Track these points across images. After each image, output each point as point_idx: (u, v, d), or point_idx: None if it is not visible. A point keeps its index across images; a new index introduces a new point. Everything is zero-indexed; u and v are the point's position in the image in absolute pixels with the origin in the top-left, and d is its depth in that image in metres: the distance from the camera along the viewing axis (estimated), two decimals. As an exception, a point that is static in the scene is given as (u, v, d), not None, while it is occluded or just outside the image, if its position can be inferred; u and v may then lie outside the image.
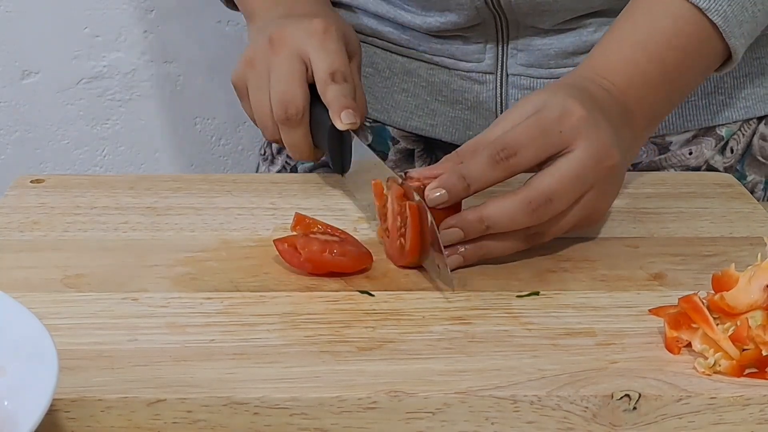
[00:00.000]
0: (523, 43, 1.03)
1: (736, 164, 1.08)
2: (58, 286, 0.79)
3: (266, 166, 1.17)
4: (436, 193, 0.79)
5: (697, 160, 1.07)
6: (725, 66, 0.92)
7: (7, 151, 1.60)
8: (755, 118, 1.07)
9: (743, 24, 0.89)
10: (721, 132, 1.07)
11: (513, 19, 1.01)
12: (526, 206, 0.79)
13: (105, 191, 0.95)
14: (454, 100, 1.07)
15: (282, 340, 0.72)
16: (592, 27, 1.01)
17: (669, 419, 0.67)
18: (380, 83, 1.09)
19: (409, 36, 1.06)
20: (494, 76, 1.04)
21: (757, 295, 0.69)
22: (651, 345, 0.72)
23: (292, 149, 0.93)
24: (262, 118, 0.93)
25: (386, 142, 1.11)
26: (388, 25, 1.06)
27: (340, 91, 0.89)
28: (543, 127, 0.80)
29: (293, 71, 0.91)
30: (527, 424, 0.66)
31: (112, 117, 1.60)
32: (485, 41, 1.03)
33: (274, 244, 0.81)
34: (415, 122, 1.09)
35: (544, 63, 1.03)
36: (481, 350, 0.71)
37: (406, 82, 1.08)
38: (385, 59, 1.08)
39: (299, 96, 0.90)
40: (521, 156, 0.79)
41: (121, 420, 0.65)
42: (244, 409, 0.66)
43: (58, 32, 1.53)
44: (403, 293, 0.78)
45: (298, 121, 0.90)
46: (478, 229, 0.80)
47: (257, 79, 0.93)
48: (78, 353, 0.69)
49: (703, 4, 0.87)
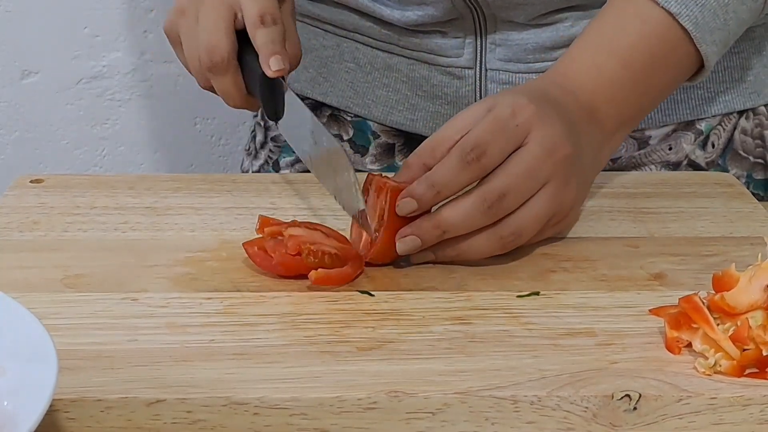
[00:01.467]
0: (500, 38, 1.03)
1: (718, 159, 1.08)
2: (58, 286, 0.79)
3: (250, 161, 1.19)
4: (405, 201, 0.80)
5: (677, 155, 1.07)
6: (698, 74, 0.92)
7: (6, 151, 1.60)
8: (735, 113, 1.08)
9: (715, 31, 0.89)
10: (700, 126, 1.07)
11: (489, 13, 1.01)
12: (480, 204, 0.79)
13: (105, 191, 0.95)
14: (434, 95, 1.07)
15: (282, 340, 0.72)
16: (568, 21, 1.02)
17: (669, 419, 0.67)
18: (361, 78, 1.10)
19: (389, 31, 1.06)
20: (473, 71, 1.05)
21: (758, 295, 0.69)
22: (651, 345, 0.72)
23: (224, 96, 0.92)
24: (194, 66, 0.92)
25: (367, 136, 1.12)
26: (368, 21, 1.07)
27: (269, 35, 0.88)
28: (500, 123, 0.80)
29: (219, 17, 0.89)
30: (527, 424, 0.66)
31: (112, 117, 1.60)
32: (464, 36, 1.04)
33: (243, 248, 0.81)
34: (395, 117, 1.10)
35: (522, 58, 1.04)
36: (481, 350, 0.71)
37: (387, 77, 1.09)
38: (366, 54, 1.09)
39: (224, 42, 0.88)
40: (489, 154, 0.79)
41: (120, 420, 0.65)
42: (243, 410, 0.65)
43: (58, 32, 1.53)
44: (403, 293, 0.78)
45: (224, 67, 0.89)
46: (435, 234, 0.80)
47: (187, 28, 0.92)
48: (78, 353, 0.69)
49: (674, 8, 0.87)
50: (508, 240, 0.81)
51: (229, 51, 0.89)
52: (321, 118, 1.13)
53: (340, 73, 1.11)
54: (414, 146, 1.11)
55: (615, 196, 0.95)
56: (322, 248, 0.80)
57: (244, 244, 0.81)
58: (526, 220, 0.81)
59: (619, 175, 1.00)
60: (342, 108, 1.12)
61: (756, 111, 1.09)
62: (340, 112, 1.13)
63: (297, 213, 0.90)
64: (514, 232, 0.81)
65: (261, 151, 1.17)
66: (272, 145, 1.16)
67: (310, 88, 1.13)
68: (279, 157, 1.15)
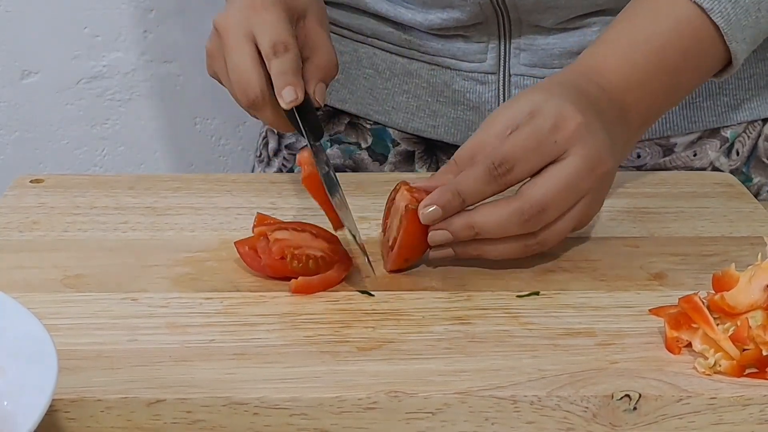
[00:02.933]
0: (525, 43, 1.02)
1: (742, 167, 1.08)
2: (58, 286, 0.79)
3: (262, 168, 1.17)
4: (429, 209, 0.79)
5: (701, 161, 1.07)
6: (725, 71, 0.91)
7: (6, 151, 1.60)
8: (760, 120, 1.07)
9: (746, 29, 0.88)
10: (726, 134, 1.07)
11: (516, 17, 1.00)
12: (519, 217, 0.78)
13: (105, 191, 0.95)
14: (455, 101, 1.06)
15: (282, 340, 0.72)
16: (596, 26, 1.01)
17: (669, 419, 0.67)
18: (381, 85, 1.09)
19: (409, 36, 1.05)
20: (496, 76, 1.04)
21: (758, 295, 0.69)
22: (651, 345, 0.72)
23: (272, 126, 0.92)
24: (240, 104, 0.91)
25: (386, 144, 1.11)
26: (388, 26, 1.06)
27: (280, 66, 0.87)
28: (538, 139, 0.79)
29: (244, 54, 0.88)
30: (527, 424, 0.66)
31: (112, 117, 1.60)
32: (487, 40, 1.03)
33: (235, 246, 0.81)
34: (416, 124, 1.09)
35: (548, 63, 1.02)
36: (481, 350, 0.71)
37: (407, 83, 1.08)
38: (385, 60, 1.08)
39: (254, 78, 0.87)
40: (517, 170, 0.78)
41: (120, 420, 0.65)
42: (243, 410, 0.65)
43: (58, 32, 1.53)
44: (403, 293, 0.78)
45: (261, 102, 0.88)
46: (467, 234, 0.79)
47: (221, 69, 0.91)
48: (78, 353, 0.69)
49: (707, 4, 0.86)
50: (533, 248, 0.81)
51: (261, 85, 0.87)
52: (339, 125, 1.12)
53: (358, 79, 1.10)
54: (434, 153, 1.11)
55: (615, 196, 0.95)
56: (307, 252, 0.80)
57: (236, 243, 0.81)
58: (556, 233, 0.81)
59: (618, 175, 0.99)
60: (361, 115, 1.11)
61: None
62: (359, 119, 1.11)
63: (297, 213, 0.90)
64: (540, 242, 0.81)
65: (274, 158, 1.15)
66: (286, 153, 1.14)
67: (328, 94, 1.10)
68: (294, 165, 1.14)
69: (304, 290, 0.78)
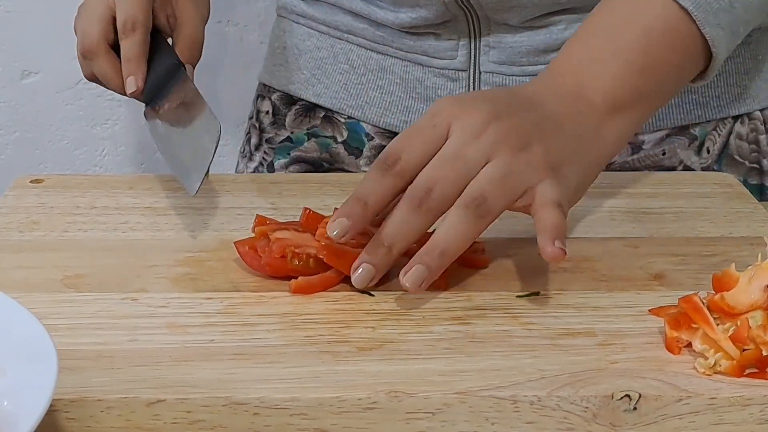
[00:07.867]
0: (494, 41, 1.03)
1: (713, 164, 1.08)
2: (58, 286, 0.79)
3: (245, 163, 1.19)
4: (335, 222, 0.77)
5: (671, 160, 1.07)
6: (711, 65, 0.87)
7: (6, 151, 1.60)
8: (730, 118, 1.07)
9: (719, 13, 0.85)
10: (694, 131, 1.07)
11: (483, 15, 1.02)
12: (409, 205, 0.76)
13: (105, 191, 0.95)
14: (428, 97, 1.08)
15: (282, 340, 0.72)
16: (562, 24, 1.02)
17: (669, 419, 0.67)
18: (355, 80, 1.10)
19: (383, 33, 1.07)
20: (467, 73, 1.05)
21: (758, 295, 0.69)
22: (651, 345, 0.72)
23: (104, 80, 0.97)
24: None
25: (361, 138, 1.12)
26: (362, 22, 1.07)
27: (126, 51, 0.94)
28: (419, 127, 0.79)
29: (93, 12, 0.96)
30: (527, 424, 0.66)
31: (112, 117, 1.60)
32: (458, 38, 1.04)
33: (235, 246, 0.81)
34: (389, 119, 1.10)
35: (516, 60, 1.04)
36: (481, 350, 0.71)
37: (381, 79, 1.09)
38: (360, 56, 1.09)
39: (95, 28, 0.95)
40: (404, 158, 0.78)
41: (120, 420, 0.65)
42: (243, 410, 0.66)
43: (58, 32, 1.53)
44: (403, 293, 0.78)
45: (95, 51, 0.95)
46: (383, 252, 0.77)
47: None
48: (78, 353, 0.69)
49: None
50: (473, 207, 0.76)
51: (98, 35, 0.94)
52: (315, 119, 1.13)
53: (333, 74, 1.11)
54: None
55: (615, 196, 0.95)
56: (307, 251, 0.80)
57: (236, 243, 0.81)
58: (480, 183, 0.77)
59: (619, 175, 1.00)
60: (336, 109, 1.12)
61: (751, 116, 1.08)
62: (333, 113, 1.12)
63: (297, 213, 0.90)
64: (474, 197, 0.77)
65: (255, 153, 1.17)
66: (266, 147, 1.16)
67: (304, 89, 1.13)
68: (273, 159, 1.15)
69: (304, 290, 0.78)
